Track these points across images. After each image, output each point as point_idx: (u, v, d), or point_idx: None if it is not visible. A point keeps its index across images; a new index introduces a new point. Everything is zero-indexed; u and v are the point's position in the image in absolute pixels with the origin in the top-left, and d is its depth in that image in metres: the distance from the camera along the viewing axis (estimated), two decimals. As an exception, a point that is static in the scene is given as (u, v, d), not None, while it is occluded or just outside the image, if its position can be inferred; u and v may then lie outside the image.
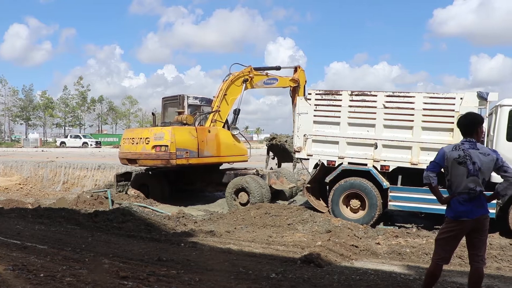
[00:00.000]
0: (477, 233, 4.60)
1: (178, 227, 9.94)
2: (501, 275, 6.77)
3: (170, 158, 12.51)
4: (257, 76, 14.69)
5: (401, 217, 11.75)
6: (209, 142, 13.46)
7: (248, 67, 14.60)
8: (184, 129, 13.12)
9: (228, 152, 14.05)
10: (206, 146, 13.29)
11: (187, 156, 12.77)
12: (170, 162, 12.60)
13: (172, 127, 13.13)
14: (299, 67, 15.01)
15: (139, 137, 13.41)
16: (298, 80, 14.63)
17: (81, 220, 10.01)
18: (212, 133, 13.68)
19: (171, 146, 12.46)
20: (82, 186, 19.50)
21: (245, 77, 14.40)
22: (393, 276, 6.40)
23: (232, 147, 14.25)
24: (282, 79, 14.84)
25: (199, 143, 13.07)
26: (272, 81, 14.90)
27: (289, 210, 10.84)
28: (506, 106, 9.56)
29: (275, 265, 6.72)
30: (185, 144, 12.74)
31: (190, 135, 12.98)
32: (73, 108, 76.98)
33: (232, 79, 14.31)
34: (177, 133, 12.72)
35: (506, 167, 4.55)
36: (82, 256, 6.77)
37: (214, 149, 13.60)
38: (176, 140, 12.55)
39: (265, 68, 15.19)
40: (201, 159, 13.19)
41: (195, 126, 13.57)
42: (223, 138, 13.95)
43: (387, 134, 10.48)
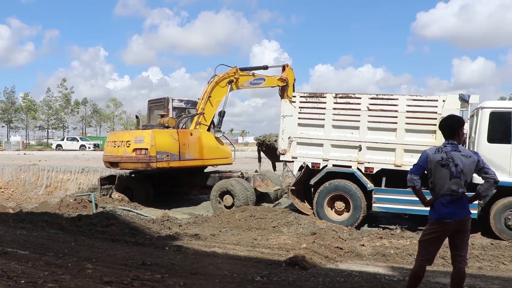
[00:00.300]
0: (460, 234, 4.66)
1: (162, 230, 9.87)
2: (482, 274, 6.87)
3: (150, 161, 12.45)
4: (243, 77, 14.51)
5: (386, 218, 11.83)
6: (191, 145, 13.33)
7: (234, 68, 14.44)
8: (165, 132, 13.08)
9: (211, 155, 13.88)
10: (188, 149, 13.19)
11: (168, 159, 12.68)
12: (150, 166, 12.55)
13: (152, 130, 13.11)
14: (287, 66, 14.79)
15: (121, 140, 13.35)
16: (287, 79, 14.42)
17: (64, 225, 9.88)
18: (195, 136, 13.56)
19: (151, 149, 12.41)
20: (65, 190, 19.27)
21: (230, 78, 14.23)
22: (378, 277, 6.44)
23: (216, 150, 14.06)
24: (269, 79, 14.68)
25: (180, 146, 12.98)
26: (259, 81, 14.70)
27: (274, 213, 10.85)
28: (487, 108, 9.70)
29: (260, 268, 6.70)
30: (166, 147, 12.68)
31: (171, 138, 12.92)
32: (56, 110, 76.04)
33: (217, 81, 14.15)
34: (158, 136, 12.68)
35: (487, 169, 4.62)
36: (65, 261, 6.67)
37: (197, 152, 13.48)
38: (156, 143, 12.49)
39: (252, 68, 15.03)
40: (182, 162, 13.10)
41: (177, 129, 13.47)
42: (206, 141, 13.78)
43: (371, 136, 10.56)
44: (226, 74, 14.22)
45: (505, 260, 7.63)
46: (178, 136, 13.04)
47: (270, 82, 14.68)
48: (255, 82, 14.69)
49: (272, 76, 14.78)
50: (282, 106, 11.45)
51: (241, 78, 14.46)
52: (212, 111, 14.33)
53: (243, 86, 14.65)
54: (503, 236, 9.36)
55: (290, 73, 14.65)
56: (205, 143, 13.71)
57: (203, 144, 13.65)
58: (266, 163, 14.79)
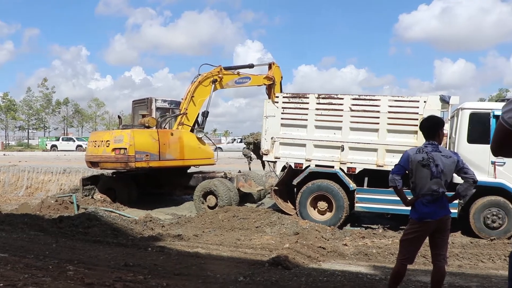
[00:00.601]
0: (440, 233, 4.72)
1: (145, 231, 9.82)
2: (462, 272, 6.98)
3: (128, 161, 12.42)
4: (227, 76, 14.34)
5: (368, 218, 11.92)
6: (171, 145, 13.26)
7: (218, 67, 14.31)
8: (144, 132, 13.05)
9: (192, 155, 13.78)
10: (168, 149, 13.12)
11: (147, 159, 12.63)
12: (129, 165, 12.52)
13: (131, 130, 13.06)
14: (273, 64, 14.50)
15: (101, 140, 13.32)
16: (273, 78, 14.17)
17: (45, 226, 9.76)
18: (175, 136, 13.49)
19: (130, 149, 12.37)
20: (46, 191, 18.99)
21: (214, 77, 14.08)
22: (360, 276, 6.50)
23: (197, 150, 13.95)
24: (255, 78, 14.46)
25: (160, 146, 12.91)
26: (244, 80, 14.50)
27: (257, 213, 10.85)
28: (467, 109, 9.84)
29: (243, 268, 6.71)
30: (145, 147, 12.63)
31: (151, 138, 12.86)
32: (37, 110, 74.93)
33: (200, 80, 14.04)
34: (137, 136, 12.65)
35: (466, 169, 4.69)
36: (46, 263, 6.59)
37: (177, 152, 13.39)
38: (135, 143, 12.45)
39: (237, 67, 14.87)
40: (162, 162, 13.04)
41: (157, 129, 13.41)
42: (187, 141, 13.67)
43: (354, 136, 10.64)
44: (210, 74, 14.09)
45: (484, 258, 7.76)
46: (158, 136, 12.98)
47: (256, 81, 14.49)
48: (240, 81, 14.52)
49: (258, 75, 14.60)
50: (265, 106, 11.47)
51: (225, 77, 14.30)
52: (195, 111, 14.21)
53: (227, 85, 14.50)
54: (482, 234, 9.51)
55: (276, 71, 14.48)
56: (186, 143, 13.61)
57: (184, 144, 13.55)
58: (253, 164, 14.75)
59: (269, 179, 16.21)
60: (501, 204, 9.58)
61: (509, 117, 1.91)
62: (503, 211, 9.55)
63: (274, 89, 14.06)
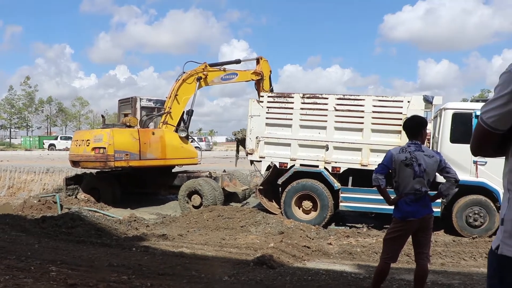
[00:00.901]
0: (423, 232, 4.77)
1: (129, 231, 9.75)
2: (444, 270, 7.07)
3: (107, 160, 12.43)
4: (212, 73, 14.13)
5: (352, 217, 11.99)
6: (152, 144, 13.17)
7: (203, 64, 14.13)
8: (124, 131, 13.00)
9: (175, 155, 13.65)
10: (149, 149, 13.05)
11: (127, 158, 12.61)
12: (108, 164, 12.53)
13: (111, 129, 13.02)
14: (261, 58, 14.35)
15: (82, 139, 13.30)
16: (262, 73, 14.06)
17: (27, 227, 9.63)
18: (157, 135, 13.39)
19: (109, 148, 12.38)
20: (29, 191, 18.75)
21: (198, 74, 13.87)
22: (344, 275, 6.53)
23: (180, 150, 13.79)
24: (242, 73, 14.33)
25: (141, 145, 12.86)
26: (231, 76, 14.33)
27: (242, 212, 10.85)
28: (450, 109, 9.96)
29: (228, 268, 6.70)
30: (125, 146, 12.60)
31: (131, 137, 12.82)
32: (19, 109, 73.88)
33: (184, 78, 13.87)
34: (117, 135, 12.63)
35: (449, 168, 4.75)
36: (28, 264, 6.50)
37: (159, 152, 13.29)
38: (114, 142, 12.44)
39: (223, 63, 14.69)
40: (143, 161, 12.99)
41: (138, 128, 13.33)
42: (169, 141, 13.53)
43: (338, 136, 10.69)
44: (194, 71, 13.93)
45: (466, 256, 7.87)
46: (139, 135, 12.93)
47: (244, 76, 14.35)
48: (226, 77, 14.34)
49: (246, 70, 14.42)
50: (250, 106, 11.46)
51: (211, 74, 14.12)
52: (180, 109, 14.06)
53: (213, 82, 14.32)
54: (465, 233, 9.64)
55: (265, 66, 14.33)
56: (168, 143, 13.47)
57: (166, 144, 13.42)
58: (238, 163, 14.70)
59: (254, 179, 16.22)
60: (482, 203, 9.71)
61: (488, 118, 1.94)
62: (485, 210, 9.69)
63: (263, 84, 14.00)
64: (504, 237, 1.94)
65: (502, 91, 1.89)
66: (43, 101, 77.90)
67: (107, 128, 13.48)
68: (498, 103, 1.90)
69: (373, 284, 4.99)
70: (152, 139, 13.22)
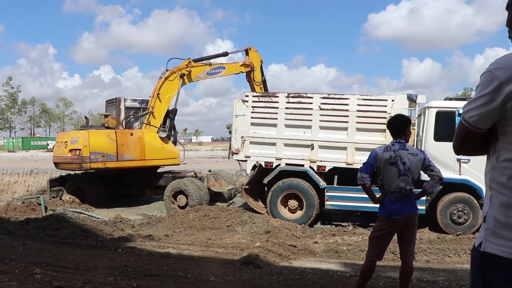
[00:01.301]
0: (408, 230, 4.81)
1: (115, 232, 9.68)
2: (429, 267, 7.14)
3: (83, 162, 12.46)
4: (197, 68, 13.86)
5: (338, 216, 12.04)
6: (130, 145, 13.08)
7: (187, 60, 13.85)
8: (101, 133, 12.99)
9: (155, 156, 13.47)
10: (127, 150, 12.98)
11: (103, 159, 12.60)
12: (83, 166, 12.56)
13: (87, 130, 13.03)
14: (250, 49, 14.09)
15: (61, 141, 13.30)
16: (251, 64, 13.82)
17: (11, 229, 9.49)
18: (135, 136, 13.29)
19: (84, 150, 12.41)
20: (12, 193, 18.45)
21: (181, 71, 13.65)
22: (330, 273, 6.57)
23: (160, 150, 13.59)
24: (230, 66, 14.03)
25: (118, 146, 12.82)
26: (218, 70, 14.02)
27: (228, 212, 10.85)
28: (433, 108, 10.07)
29: (214, 268, 6.69)
30: (101, 148, 12.61)
31: (108, 138, 12.80)
32: (2, 110, 73.01)
33: (167, 76, 13.67)
34: (92, 137, 12.65)
35: (433, 167, 4.80)
36: (12, 267, 6.41)
37: (137, 153, 13.18)
38: (90, 143, 12.46)
39: (209, 57, 14.36)
40: (121, 162, 12.98)
41: (115, 129, 13.26)
42: (148, 141, 13.37)
43: (323, 135, 10.74)
44: (177, 68, 13.72)
45: (450, 253, 7.95)
46: (116, 136, 12.89)
47: (232, 69, 14.05)
48: (213, 72, 14.03)
49: (234, 63, 14.16)
50: (235, 105, 11.45)
51: (195, 70, 13.86)
52: (163, 108, 13.83)
53: (198, 78, 14.05)
54: (449, 230, 9.75)
55: (255, 56, 14.07)
56: (147, 143, 13.32)
57: (145, 144, 13.28)
58: (224, 163, 14.65)
59: (240, 178, 16.21)
60: (466, 200, 9.84)
61: (469, 117, 1.97)
62: (468, 207, 9.81)
63: (254, 75, 13.78)
64: (486, 234, 1.97)
65: (483, 91, 1.92)
66: (26, 102, 77.09)
67: (83, 129, 13.44)
68: (479, 103, 1.93)
69: (359, 282, 5.02)
70: (130, 140, 13.14)
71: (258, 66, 14.06)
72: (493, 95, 1.88)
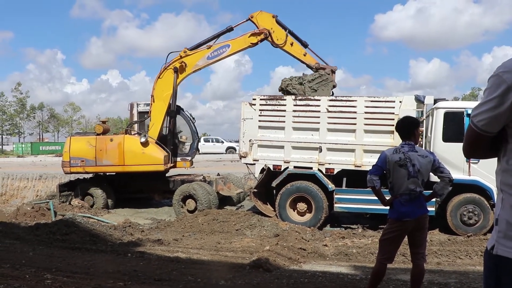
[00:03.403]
0: (418, 232, 4.78)
1: (124, 237, 9.70)
2: (440, 269, 7.08)
3: (63, 166, 13.72)
4: (193, 56, 12.86)
5: (347, 218, 12.00)
6: (109, 151, 13.36)
7: (182, 51, 12.91)
8: (82, 139, 13.88)
9: (134, 161, 13.29)
10: (105, 155, 13.36)
11: (82, 164, 13.45)
12: (64, 170, 13.80)
13: (71, 136, 14.28)
14: (256, 14, 12.35)
15: None
16: (264, 30, 12.17)
17: (21, 234, 9.56)
18: (115, 142, 13.45)
19: (65, 155, 13.72)
20: (22, 198, 18.60)
21: (174, 65, 12.90)
22: (341, 277, 6.54)
23: (139, 156, 13.27)
24: (236, 42, 12.66)
25: (96, 152, 13.41)
26: (220, 51, 12.74)
27: (237, 216, 10.84)
28: (441, 108, 10.01)
29: (224, 272, 6.68)
30: (80, 153, 13.47)
31: (88, 144, 13.51)
32: (11, 115, 73.42)
33: (160, 74, 13.17)
34: (74, 143, 13.70)
35: (443, 168, 4.77)
36: (22, 272, 6.45)
37: (116, 158, 13.32)
38: (71, 149, 13.55)
39: (208, 39, 12.89)
40: (99, 167, 13.62)
41: (96, 136, 13.75)
42: (128, 147, 13.27)
43: (331, 137, 10.71)
44: (169, 63, 13.01)
45: (461, 254, 7.89)
46: (96, 142, 13.48)
47: (239, 44, 12.71)
48: (214, 54, 12.77)
49: (240, 37, 12.63)
50: (242, 109, 11.45)
51: (192, 58, 12.90)
52: (161, 109, 13.34)
53: (197, 66, 12.99)
54: (459, 231, 9.68)
55: (263, 18, 12.39)
56: (127, 149, 13.27)
57: (125, 150, 13.28)
58: (232, 166, 14.64)
59: (248, 182, 16.21)
60: (476, 201, 9.76)
61: (478, 121, 1.96)
62: (479, 208, 9.73)
63: (273, 39, 12.28)
64: (498, 237, 1.95)
65: (491, 95, 1.91)
66: (34, 107, 77.47)
67: (77, 136, 14.31)
68: (487, 107, 1.92)
69: (369, 285, 4.99)
70: (109, 145, 13.45)
71: (273, 26, 12.30)
72: (501, 98, 1.87)
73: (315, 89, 11.46)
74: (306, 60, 12.41)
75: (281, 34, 12.32)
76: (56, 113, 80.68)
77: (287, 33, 12.38)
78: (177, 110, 13.69)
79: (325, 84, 11.55)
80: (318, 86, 11.50)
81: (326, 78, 11.65)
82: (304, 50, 12.51)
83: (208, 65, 13.35)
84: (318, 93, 11.37)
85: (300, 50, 12.53)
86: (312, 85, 11.49)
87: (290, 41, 12.47)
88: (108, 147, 13.40)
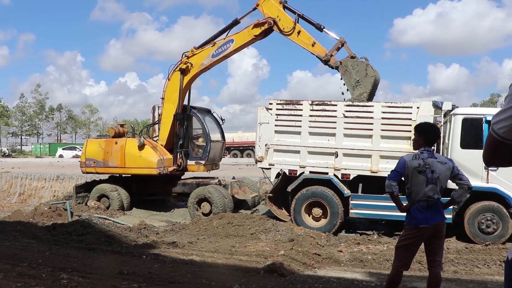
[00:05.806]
0: (435, 239, 4.73)
1: (139, 238, 9.77)
2: (457, 278, 6.99)
3: (81, 166, 14.50)
4: (199, 55, 12.77)
5: (363, 224, 11.91)
6: (114, 153, 13.79)
7: (190, 50, 12.94)
8: (96, 141, 14.61)
9: (132, 164, 13.61)
10: (110, 157, 13.85)
11: (94, 165, 14.13)
12: (81, 170, 14.56)
13: (89, 139, 15.35)
14: (260, 2, 11.90)
15: None
16: (269, 18, 11.68)
17: (38, 234, 9.69)
18: (118, 145, 13.81)
19: (82, 156, 14.57)
20: (39, 198, 18.87)
21: (180, 66, 12.99)
22: (355, 283, 6.48)
23: (137, 159, 13.50)
24: (239, 36, 12.32)
25: (104, 154, 13.96)
26: (224, 47, 12.49)
27: (252, 220, 10.83)
28: (459, 114, 9.90)
29: (238, 276, 6.67)
30: (93, 155, 14.16)
31: (99, 146, 14.14)
32: (30, 116, 74.62)
33: (169, 77, 13.36)
34: (89, 145, 14.51)
35: (461, 175, 4.72)
36: (39, 271, 6.52)
37: (119, 160, 13.72)
38: (87, 151, 14.34)
39: (215, 35, 12.69)
40: (107, 169, 14.17)
41: (105, 139, 14.35)
42: (128, 150, 13.60)
43: (347, 143, 10.65)
44: (177, 65, 13.15)
45: (479, 263, 7.78)
46: (105, 145, 14.07)
47: (242, 38, 12.35)
48: (219, 51, 12.56)
49: (244, 30, 12.25)
50: (259, 113, 11.45)
51: (197, 58, 12.86)
52: (170, 111, 13.51)
53: (203, 65, 12.92)
54: (477, 240, 9.54)
55: (268, 6, 11.86)
56: (127, 152, 13.61)
57: (126, 153, 13.64)
58: (246, 170, 14.64)
59: (264, 186, 16.18)
60: (495, 209, 9.61)
61: (499, 128, 1.92)
62: (497, 216, 9.58)
63: (279, 27, 11.74)
64: None
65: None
66: (53, 109, 78.62)
67: (93, 138, 15.10)
68: (508, 114, 1.89)
69: (385, 292, 4.94)
70: (114, 148, 13.86)
71: (279, 14, 11.76)
72: None
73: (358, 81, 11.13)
74: (315, 51, 11.72)
75: (287, 22, 11.73)
76: (74, 115, 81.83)
77: (295, 20, 11.72)
78: (187, 112, 13.72)
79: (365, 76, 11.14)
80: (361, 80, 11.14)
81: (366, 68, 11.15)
82: (313, 39, 11.74)
83: (215, 64, 13.06)
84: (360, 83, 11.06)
85: (308, 40, 11.77)
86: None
87: (298, 30, 11.79)
88: (113, 149, 13.88)
